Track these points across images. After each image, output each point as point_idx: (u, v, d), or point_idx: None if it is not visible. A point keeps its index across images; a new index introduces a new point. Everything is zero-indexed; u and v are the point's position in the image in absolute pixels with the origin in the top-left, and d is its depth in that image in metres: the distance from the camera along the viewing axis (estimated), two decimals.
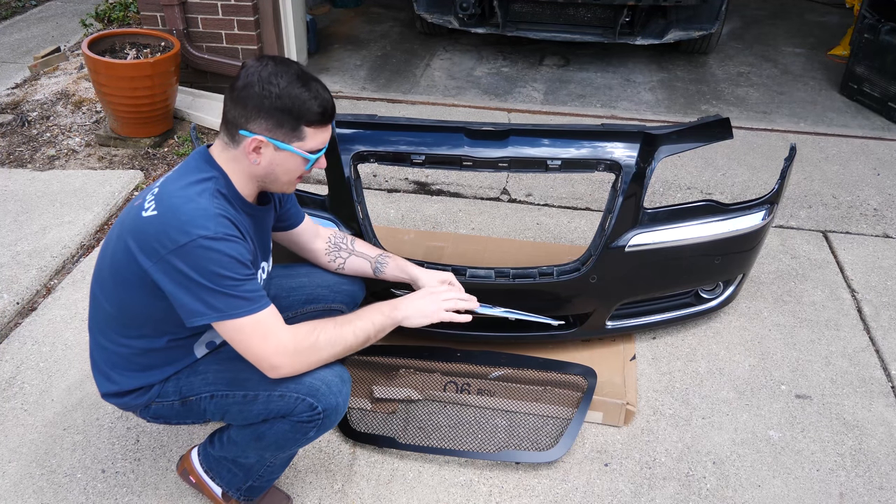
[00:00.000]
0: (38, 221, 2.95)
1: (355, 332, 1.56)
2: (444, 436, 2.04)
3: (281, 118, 1.44)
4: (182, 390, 1.60)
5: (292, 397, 1.52)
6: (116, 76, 3.36)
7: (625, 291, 2.26)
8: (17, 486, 1.91)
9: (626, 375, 2.20)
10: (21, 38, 5.10)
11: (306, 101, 1.45)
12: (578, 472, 1.99)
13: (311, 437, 1.59)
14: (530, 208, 3.22)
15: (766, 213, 2.26)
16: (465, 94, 4.34)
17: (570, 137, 2.12)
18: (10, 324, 2.48)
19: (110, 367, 1.61)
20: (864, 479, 1.99)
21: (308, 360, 1.50)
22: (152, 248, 1.40)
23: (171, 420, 1.66)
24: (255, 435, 1.60)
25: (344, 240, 1.95)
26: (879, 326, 2.54)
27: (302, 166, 1.52)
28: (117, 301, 1.54)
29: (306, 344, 1.48)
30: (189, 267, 1.37)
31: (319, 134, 1.50)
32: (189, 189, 1.45)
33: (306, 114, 1.45)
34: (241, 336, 1.44)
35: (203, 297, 1.39)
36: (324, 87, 1.50)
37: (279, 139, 1.47)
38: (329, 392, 1.53)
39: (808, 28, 5.53)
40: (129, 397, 1.61)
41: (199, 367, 1.62)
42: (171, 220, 1.39)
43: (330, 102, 1.50)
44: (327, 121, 1.50)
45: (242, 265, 1.42)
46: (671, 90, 4.47)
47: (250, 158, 1.48)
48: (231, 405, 1.58)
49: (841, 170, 3.55)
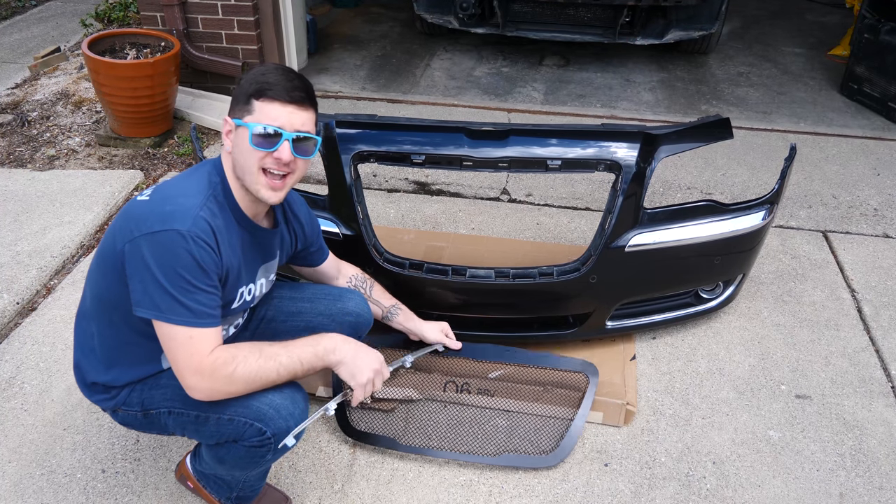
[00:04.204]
0: (38, 221, 2.95)
1: (279, 371, 1.47)
2: (443, 436, 2.04)
3: (238, 95, 1.47)
4: (144, 402, 1.58)
5: (241, 422, 1.48)
6: (116, 76, 3.36)
7: (625, 291, 2.26)
8: (17, 486, 1.91)
9: (626, 375, 2.20)
10: (21, 38, 5.10)
11: (259, 76, 1.44)
12: (578, 472, 1.99)
13: (269, 459, 1.55)
14: (530, 208, 3.22)
15: (766, 213, 2.26)
16: (465, 94, 4.34)
17: (571, 137, 2.12)
18: (10, 324, 2.48)
19: (81, 353, 1.60)
20: (864, 479, 1.99)
21: (222, 391, 1.43)
22: (129, 228, 1.40)
23: (138, 429, 1.64)
24: (217, 457, 1.59)
25: (364, 283, 1.99)
26: (879, 326, 2.54)
27: (251, 146, 1.44)
28: (95, 285, 1.53)
29: (223, 373, 1.41)
30: (151, 255, 1.36)
31: (270, 108, 1.43)
32: (188, 186, 1.45)
33: (256, 87, 1.44)
34: (171, 344, 1.40)
35: (151, 290, 1.37)
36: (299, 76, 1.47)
37: (236, 115, 1.47)
38: (278, 416, 1.49)
39: (808, 28, 5.53)
40: (98, 396, 1.59)
41: (162, 381, 1.58)
42: (156, 207, 1.40)
43: (293, 83, 1.45)
44: (280, 97, 1.43)
45: (203, 273, 1.38)
46: (671, 90, 4.47)
47: (225, 145, 1.49)
48: (187, 423, 1.56)
49: (841, 170, 3.55)
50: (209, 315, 1.41)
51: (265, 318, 1.84)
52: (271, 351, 1.48)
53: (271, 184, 1.49)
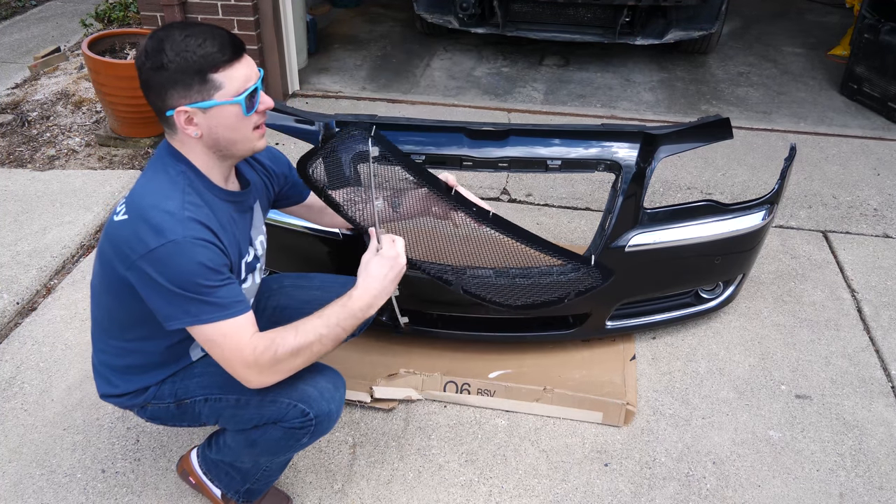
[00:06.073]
0: (38, 221, 2.95)
1: (322, 341, 1.45)
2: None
3: (186, 80, 1.35)
4: (177, 392, 1.59)
5: (284, 402, 1.50)
6: (116, 76, 3.36)
7: (625, 291, 2.26)
8: (17, 486, 1.91)
9: (626, 375, 2.20)
10: (21, 38, 5.10)
11: (197, 48, 1.33)
12: (578, 472, 1.99)
13: (304, 443, 1.57)
14: (530, 208, 3.22)
15: (766, 213, 2.26)
16: (465, 94, 4.34)
17: (571, 137, 2.12)
18: (10, 324, 2.48)
19: (110, 370, 1.60)
20: (864, 479, 1.99)
21: (273, 376, 1.43)
22: (124, 253, 1.37)
23: (167, 422, 1.65)
24: (249, 441, 1.59)
25: None
26: (879, 326, 2.54)
27: (242, 114, 1.40)
28: (108, 306, 1.53)
29: (266, 358, 1.41)
30: (158, 273, 1.34)
31: (234, 73, 1.37)
32: (158, 189, 1.40)
33: (206, 61, 1.34)
34: (210, 344, 1.40)
35: (176, 302, 1.36)
36: (212, 27, 1.38)
37: (198, 100, 1.37)
38: (321, 398, 1.51)
39: (808, 28, 5.53)
40: (127, 398, 1.61)
41: (195, 370, 1.61)
42: (139, 224, 1.36)
43: (226, 37, 1.37)
44: (233, 57, 1.37)
45: (213, 271, 1.37)
46: (671, 90, 4.47)
47: (189, 132, 1.40)
48: (224, 409, 1.57)
49: (841, 170, 3.55)
50: (238, 302, 1.41)
51: (279, 306, 1.85)
52: (307, 326, 1.45)
53: (261, 132, 1.48)
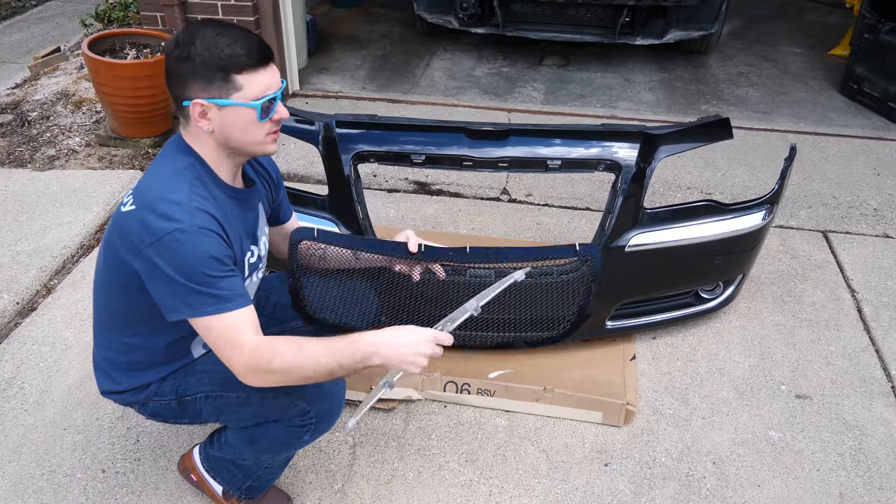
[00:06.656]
0: (38, 221, 2.94)
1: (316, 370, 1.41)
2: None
3: (209, 75, 1.38)
4: (178, 389, 1.59)
5: (285, 400, 1.51)
6: (116, 76, 3.36)
7: (625, 291, 2.26)
8: (17, 486, 1.91)
9: (626, 375, 2.20)
10: (21, 38, 5.10)
11: (226, 48, 1.36)
12: (578, 472, 1.99)
13: (305, 440, 1.58)
14: (530, 208, 3.22)
15: (766, 213, 2.26)
16: (465, 94, 4.34)
17: (571, 137, 2.12)
18: (10, 324, 2.48)
19: (112, 366, 1.61)
20: (864, 479, 1.99)
21: (261, 380, 1.42)
22: (132, 242, 1.38)
23: (168, 419, 1.65)
24: (250, 438, 1.60)
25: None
26: (879, 326, 2.54)
27: (255, 119, 1.42)
28: (113, 302, 1.54)
29: (262, 362, 1.39)
30: (164, 261, 1.35)
31: (256, 78, 1.40)
32: (166, 181, 1.42)
33: (232, 61, 1.37)
34: (209, 336, 1.40)
35: (177, 292, 1.36)
36: (246, 31, 1.42)
37: (216, 96, 1.39)
38: (322, 397, 1.52)
39: (808, 28, 5.53)
40: (129, 394, 1.62)
41: (197, 367, 1.61)
42: (147, 213, 1.37)
43: (256, 43, 1.40)
44: (259, 63, 1.40)
45: (218, 262, 1.38)
46: (671, 90, 4.47)
47: (202, 126, 1.41)
48: (225, 406, 1.58)
49: (841, 170, 3.55)
50: (238, 296, 1.41)
51: (279, 303, 1.88)
52: (310, 349, 1.42)
53: (274, 137, 1.50)
